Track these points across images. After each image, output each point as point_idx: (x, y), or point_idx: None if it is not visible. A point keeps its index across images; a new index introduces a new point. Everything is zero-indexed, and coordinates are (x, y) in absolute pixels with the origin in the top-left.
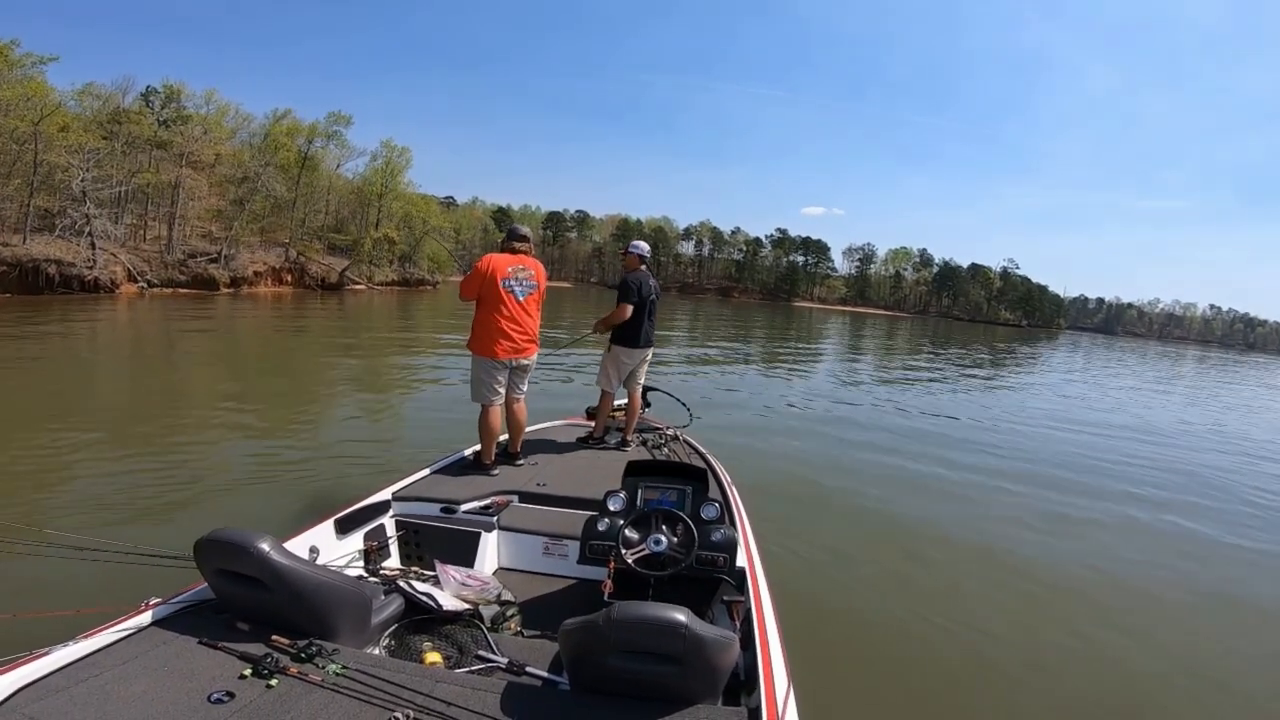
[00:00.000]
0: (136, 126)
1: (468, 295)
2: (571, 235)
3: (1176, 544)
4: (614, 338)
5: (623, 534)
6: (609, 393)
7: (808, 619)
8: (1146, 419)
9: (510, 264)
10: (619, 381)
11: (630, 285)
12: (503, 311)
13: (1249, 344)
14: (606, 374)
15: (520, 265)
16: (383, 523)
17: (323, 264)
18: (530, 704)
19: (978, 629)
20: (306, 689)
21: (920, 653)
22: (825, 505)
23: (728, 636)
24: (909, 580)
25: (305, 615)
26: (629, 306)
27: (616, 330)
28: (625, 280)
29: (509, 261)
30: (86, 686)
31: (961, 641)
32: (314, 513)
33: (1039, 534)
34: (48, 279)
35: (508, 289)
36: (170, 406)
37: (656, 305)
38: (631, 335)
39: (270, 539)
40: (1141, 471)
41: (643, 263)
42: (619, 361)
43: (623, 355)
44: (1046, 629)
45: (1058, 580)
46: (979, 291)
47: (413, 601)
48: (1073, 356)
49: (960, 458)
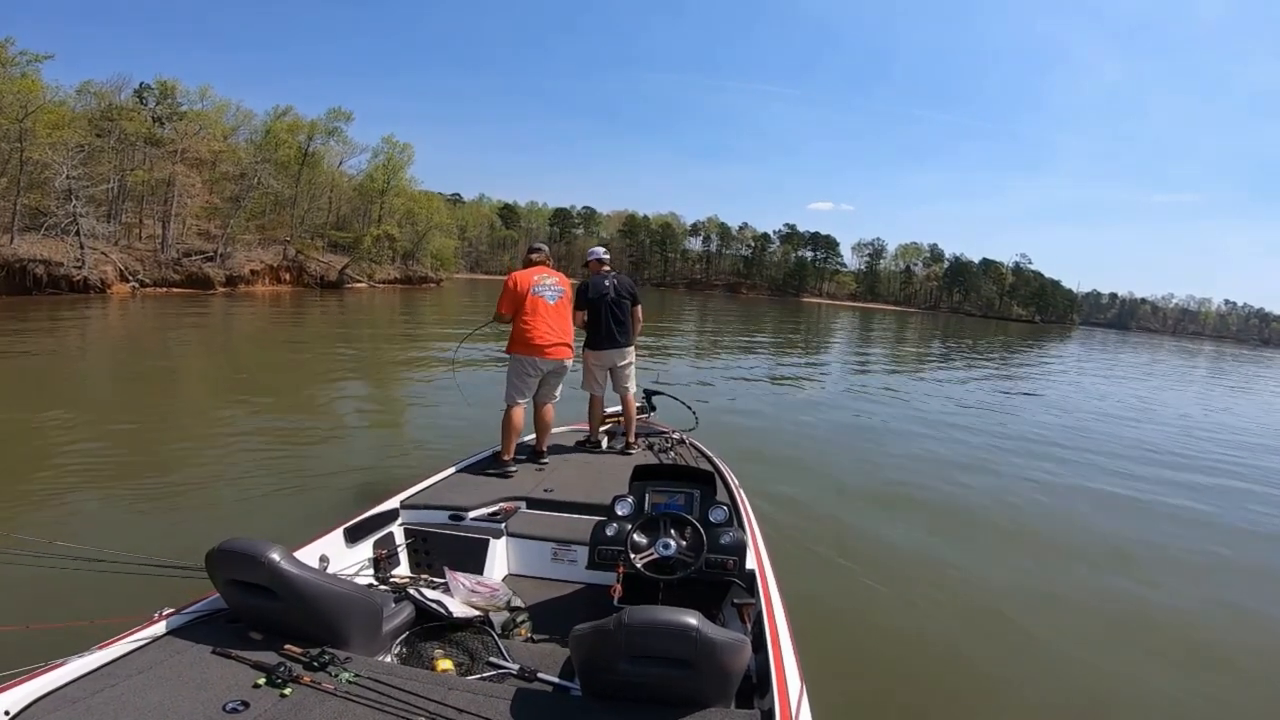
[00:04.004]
0: (130, 123)
1: (505, 311)
2: (578, 232)
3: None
4: (585, 341)
5: (631, 539)
6: (596, 396)
7: (819, 620)
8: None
9: (535, 274)
10: (600, 385)
11: (580, 289)
12: (537, 316)
13: (1264, 339)
14: (585, 378)
15: (544, 274)
16: (391, 531)
17: (322, 262)
18: (542, 710)
19: (993, 629)
20: (320, 698)
21: (934, 653)
22: (835, 507)
23: (739, 639)
24: (921, 580)
25: (317, 624)
26: (578, 313)
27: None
28: (579, 285)
29: (533, 272)
30: (103, 697)
31: (976, 642)
32: (323, 522)
33: (1064, 538)
34: (35, 279)
35: (538, 294)
36: (168, 411)
37: (622, 304)
38: (591, 338)
39: (280, 549)
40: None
41: (603, 265)
42: (588, 365)
43: (589, 358)
44: (1063, 631)
45: (1078, 583)
46: (991, 287)
47: (423, 609)
48: (1089, 351)
49: (976, 458)
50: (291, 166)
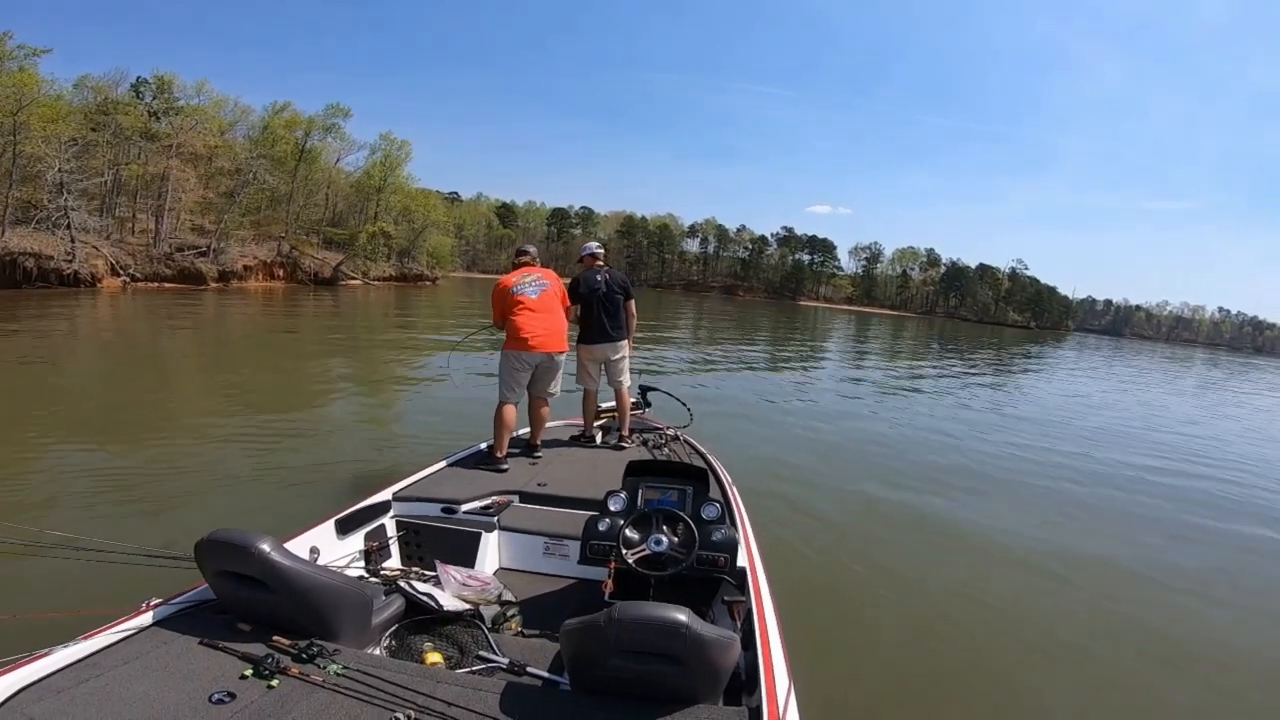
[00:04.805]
0: (125, 117)
1: (496, 316)
2: (576, 232)
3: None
4: (578, 336)
5: (623, 534)
6: (589, 390)
7: (809, 618)
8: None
9: (517, 275)
10: (594, 379)
11: (572, 283)
12: (521, 310)
13: (1257, 347)
14: (579, 372)
15: (527, 273)
16: (383, 523)
17: (316, 258)
18: (531, 704)
19: (981, 627)
20: (307, 689)
21: (922, 652)
22: (827, 505)
23: (729, 636)
24: (911, 578)
25: (306, 616)
26: (571, 307)
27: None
28: (572, 279)
29: (516, 274)
30: (88, 687)
31: (964, 640)
32: (314, 513)
33: (1046, 532)
34: (25, 273)
35: (519, 292)
36: (162, 404)
37: (615, 298)
38: (583, 332)
39: (271, 540)
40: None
41: (596, 259)
42: (581, 359)
43: (581, 352)
44: (1052, 627)
45: (1065, 578)
46: (987, 292)
47: (413, 602)
48: (1084, 356)
49: (964, 458)
50: (288, 162)
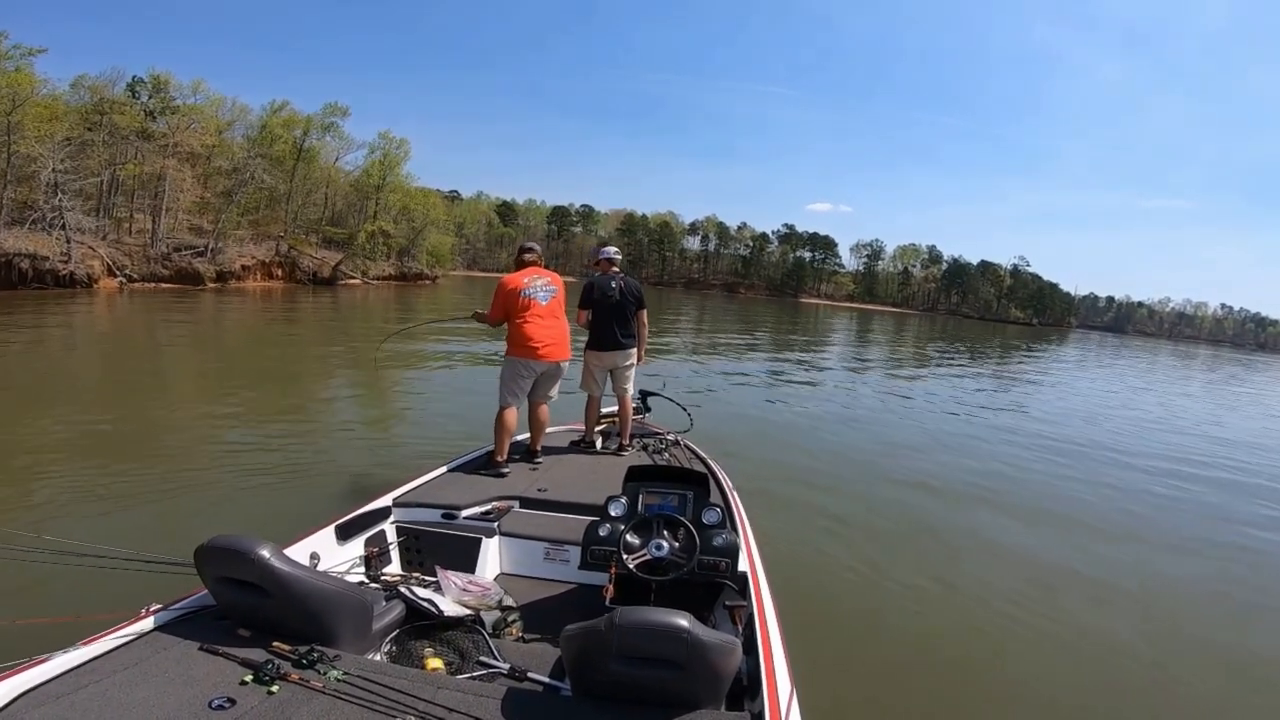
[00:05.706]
0: (121, 117)
1: (496, 315)
2: (576, 230)
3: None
4: (587, 341)
5: (624, 539)
6: (593, 396)
7: (810, 623)
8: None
9: (525, 275)
10: (599, 386)
11: (586, 288)
12: (530, 316)
13: (1259, 344)
14: (584, 378)
15: (535, 274)
16: (383, 528)
17: (315, 258)
18: (532, 709)
19: (982, 631)
20: (308, 695)
21: (924, 656)
22: (828, 509)
23: (730, 641)
24: (915, 583)
25: (306, 621)
26: (582, 312)
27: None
28: (585, 283)
29: (524, 274)
30: (88, 693)
31: (966, 644)
32: (315, 519)
33: (1047, 536)
34: (20, 274)
35: (529, 296)
36: (160, 408)
37: (628, 306)
38: (594, 338)
39: (271, 545)
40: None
41: (612, 265)
42: (588, 365)
43: (590, 359)
44: (1053, 630)
45: (1065, 582)
46: (989, 289)
47: (414, 607)
48: (1086, 354)
49: (967, 461)
50: (286, 162)
